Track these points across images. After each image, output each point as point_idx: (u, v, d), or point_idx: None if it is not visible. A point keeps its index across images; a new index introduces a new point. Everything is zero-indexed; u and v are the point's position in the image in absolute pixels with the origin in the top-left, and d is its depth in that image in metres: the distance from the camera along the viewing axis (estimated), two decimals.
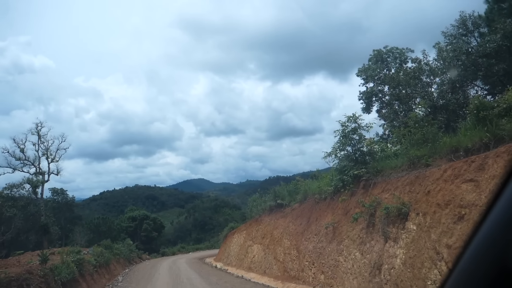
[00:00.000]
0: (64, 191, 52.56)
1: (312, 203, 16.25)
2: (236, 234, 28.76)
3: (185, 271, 22.06)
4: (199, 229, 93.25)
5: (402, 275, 8.70)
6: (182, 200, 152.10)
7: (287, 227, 17.71)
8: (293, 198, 20.05)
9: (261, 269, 18.87)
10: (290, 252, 16.07)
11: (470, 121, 10.58)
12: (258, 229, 22.48)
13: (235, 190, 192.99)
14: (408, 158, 11.32)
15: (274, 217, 20.66)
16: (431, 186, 9.29)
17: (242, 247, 24.69)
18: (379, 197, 11.26)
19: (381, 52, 24.92)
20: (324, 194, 15.21)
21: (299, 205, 18.23)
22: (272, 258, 17.94)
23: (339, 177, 14.29)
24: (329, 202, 14.65)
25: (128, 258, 32.54)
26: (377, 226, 10.69)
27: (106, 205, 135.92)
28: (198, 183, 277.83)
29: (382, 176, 12.07)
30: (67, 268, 14.01)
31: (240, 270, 21.30)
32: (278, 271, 16.66)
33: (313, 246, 14.08)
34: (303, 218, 16.33)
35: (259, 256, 20.00)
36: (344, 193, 13.38)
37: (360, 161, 13.62)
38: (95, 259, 19.44)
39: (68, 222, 52.12)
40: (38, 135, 34.77)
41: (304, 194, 17.91)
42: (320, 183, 16.16)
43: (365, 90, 24.65)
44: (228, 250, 29.26)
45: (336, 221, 13.13)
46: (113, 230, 57.26)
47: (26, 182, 32.47)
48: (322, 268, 12.81)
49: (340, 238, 12.46)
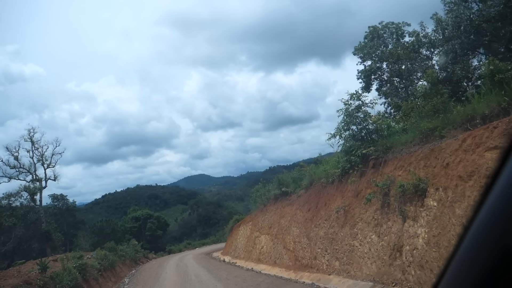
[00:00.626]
0: (64, 196, 52.02)
1: (319, 188, 15.60)
2: (241, 226, 28.19)
3: (192, 267, 21.48)
4: (204, 224, 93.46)
5: (426, 255, 8.06)
6: (184, 197, 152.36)
7: (295, 215, 17.09)
8: (298, 185, 19.43)
9: (271, 260, 18.30)
10: (300, 240, 15.46)
11: (484, 86, 9.88)
12: (264, 219, 21.88)
13: (236, 183, 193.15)
14: (420, 132, 10.63)
15: (280, 205, 20.05)
16: (450, 158, 8.62)
17: (249, 238, 24.12)
18: (392, 175, 10.60)
19: (376, 28, 24.10)
20: (331, 178, 14.55)
21: (305, 191, 17.59)
22: (281, 248, 17.34)
23: (346, 158, 13.62)
24: (337, 185, 14.00)
25: (134, 259, 32.01)
26: (393, 206, 10.05)
27: (109, 207, 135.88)
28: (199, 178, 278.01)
29: (393, 153, 11.39)
30: (69, 275, 13.37)
31: (249, 263, 20.74)
32: (289, 260, 16.07)
33: (324, 232, 13.47)
34: (311, 204, 15.69)
35: (268, 247, 19.42)
36: (353, 175, 12.72)
37: (367, 139, 12.94)
38: (98, 263, 18.82)
39: (71, 227, 51.64)
40: (31, 141, 33.94)
41: (310, 180, 17.26)
42: (326, 167, 15.50)
43: (363, 69, 23.91)
44: (235, 243, 28.72)
45: (347, 204, 12.49)
46: (117, 231, 56.80)
47: (23, 190, 31.72)
48: (336, 254, 12.19)
49: (353, 221, 11.83)
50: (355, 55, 24.10)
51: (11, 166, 32.94)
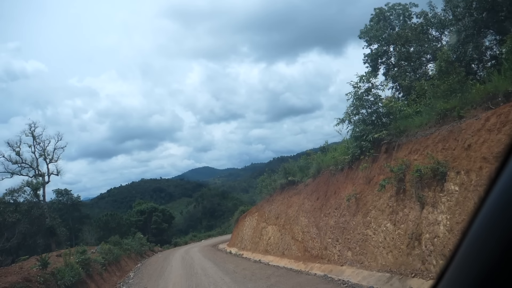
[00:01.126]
0: (69, 191, 51.78)
1: (328, 176, 15.03)
2: (247, 217, 27.75)
3: (198, 260, 21.07)
4: (209, 216, 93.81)
5: (449, 243, 7.49)
6: (189, 189, 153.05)
7: (303, 204, 16.56)
8: (305, 174, 18.89)
9: (278, 251, 17.82)
10: (309, 230, 14.94)
11: (507, 62, 9.20)
12: (271, 210, 21.38)
13: (240, 175, 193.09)
14: (436, 113, 9.98)
15: (287, 195, 19.52)
16: (472, 139, 8.00)
17: (256, 229, 23.67)
18: (407, 159, 9.99)
19: (383, 10, 23.24)
20: (340, 165, 13.96)
21: (312, 180, 17.04)
22: (289, 238, 16.85)
23: (356, 144, 13.02)
24: (347, 172, 13.41)
25: (139, 252, 31.69)
26: (409, 192, 9.46)
27: (115, 201, 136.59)
28: (203, 171, 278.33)
29: (407, 137, 10.76)
30: (71, 271, 12.93)
31: (257, 254, 20.30)
32: (298, 251, 15.58)
33: (335, 221, 12.92)
34: (320, 192, 15.13)
35: (275, 238, 18.94)
36: (364, 160, 12.12)
37: (378, 123, 12.32)
38: (103, 257, 18.42)
39: (76, 222, 51.46)
40: (32, 136, 33.50)
41: (317, 168, 16.68)
42: (334, 154, 14.90)
43: (370, 53, 23.12)
44: (241, 234, 28.31)
45: (358, 192, 11.91)
46: (122, 225, 56.68)
47: (26, 185, 31.34)
48: (348, 244, 11.65)
49: (365, 209, 11.26)
50: (361, 39, 23.28)
51: (13, 162, 32.59)
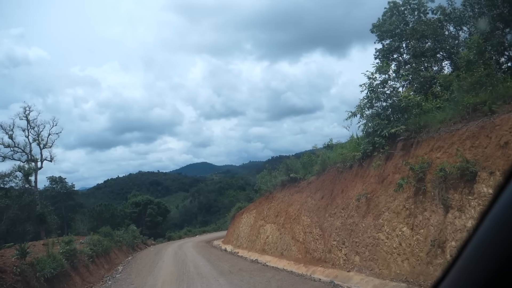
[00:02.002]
0: (63, 179, 50.80)
1: (334, 173, 14.02)
2: (245, 214, 26.74)
3: (192, 257, 20.04)
4: (205, 211, 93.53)
5: None
6: (186, 184, 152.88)
7: (305, 203, 15.55)
8: (308, 171, 17.90)
9: (277, 251, 16.82)
10: (311, 230, 13.93)
11: None
12: (270, 207, 20.38)
13: (238, 172, 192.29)
14: (464, 107, 8.95)
15: (288, 192, 18.51)
16: (509, 136, 6.99)
17: (253, 227, 22.67)
18: (428, 157, 8.97)
19: (397, 4, 22.22)
20: (349, 162, 12.95)
21: (316, 177, 16.03)
22: (289, 238, 15.84)
23: (368, 139, 12.01)
24: (356, 170, 12.39)
25: (131, 245, 30.70)
26: (430, 193, 8.44)
27: (111, 192, 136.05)
28: (201, 166, 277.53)
29: (428, 133, 9.73)
30: (53, 262, 11.92)
31: (253, 253, 19.30)
32: (298, 252, 14.57)
33: (341, 222, 11.91)
34: (325, 191, 14.12)
35: (274, 237, 17.94)
36: (377, 158, 11.10)
37: (394, 118, 11.30)
38: (90, 249, 17.40)
39: (69, 211, 50.38)
40: (27, 120, 32.43)
41: (322, 165, 15.67)
42: (343, 150, 13.88)
43: (382, 48, 22.10)
44: (237, 232, 27.31)
45: (370, 191, 10.89)
46: (116, 216, 55.67)
47: (17, 170, 30.31)
48: (356, 248, 10.64)
49: (377, 211, 10.24)
50: (372, 33, 22.25)
51: (5, 145, 31.53)
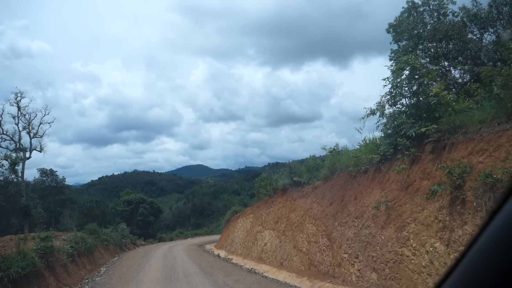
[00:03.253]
0: (54, 172, 49.11)
1: (345, 178, 12.61)
2: (241, 218, 25.24)
3: (182, 261, 18.48)
4: (198, 214, 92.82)
5: None
6: (181, 185, 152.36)
7: (310, 209, 14.10)
8: (313, 175, 16.49)
9: (275, 260, 15.32)
10: (317, 240, 12.46)
11: None
12: (269, 212, 18.91)
13: (234, 176, 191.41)
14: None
15: (290, 197, 17.07)
16: None
17: (249, 233, 21.16)
18: (468, 161, 7.56)
19: (415, 4, 20.99)
20: (364, 166, 11.54)
21: (323, 182, 14.62)
22: (291, 247, 14.36)
23: (389, 141, 10.63)
24: (372, 175, 10.98)
25: (119, 245, 29.08)
26: (472, 204, 7.03)
27: (105, 190, 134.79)
28: (197, 169, 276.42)
29: (465, 134, 8.34)
30: (24, 260, 10.41)
31: (248, 261, 17.78)
32: (300, 264, 13.08)
33: (354, 232, 10.46)
34: (334, 197, 12.68)
35: (273, 245, 16.45)
36: (400, 161, 9.69)
37: (422, 117, 9.92)
38: (71, 247, 15.86)
39: (58, 205, 48.64)
40: (17, 106, 30.85)
41: (331, 169, 14.25)
42: (357, 153, 12.47)
43: (397, 49, 20.81)
44: (231, 237, 25.78)
45: (391, 199, 9.47)
46: (107, 214, 54.03)
47: (3, 158, 28.68)
48: (373, 263, 9.19)
49: (400, 221, 8.81)
50: (388, 33, 20.99)
51: None
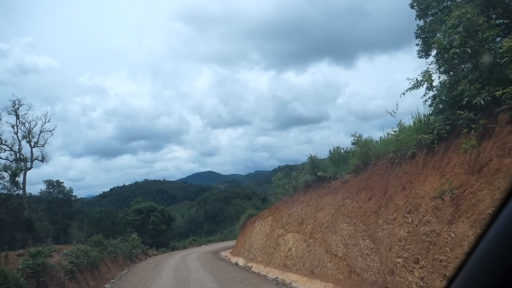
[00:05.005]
0: (61, 183, 47.58)
1: (385, 167, 10.58)
2: (258, 222, 23.23)
3: (196, 273, 16.44)
4: (211, 221, 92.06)
5: None
6: (192, 193, 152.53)
7: (342, 206, 12.06)
8: (339, 168, 14.53)
9: (304, 267, 13.27)
10: (356, 242, 10.40)
11: None
12: (291, 213, 16.91)
13: (244, 181, 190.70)
14: None
15: (315, 195, 15.07)
16: None
17: (269, 237, 19.14)
18: None
19: None
20: (410, 150, 9.50)
21: (354, 175, 12.62)
22: (322, 252, 12.31)
23: (444, 116, 8.59)
24: (424, 159, 8.93)
25: (129, 256, 27.24)
26: None
27: (117, 200, 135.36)
28: (207, 175, 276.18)
29: None
30: (3, 283, 8.56)
31: (271, 269, 15.77)
32: (337, 271, 11.02)
33: (408, 231, 8.39)
34: (373, 190, 10.64)
35: (299, 250, 14.41)
36: (464, 138, 7.63)
37: (491, 80, 7.86)
38: (71, 261, 14.02)
39: (66, 217, 47.12)
40: (16, 114, 29.28)
41: (363, 158, 12.23)
42: (400, 135, 10.44)
43: (424, 25, 18.72)
44: (248, 242, 23.77)
45: (457, 186, 7.39)
46: (117, 224, 52.41)
47: (2, 169, 27.09)
48: (442, 269, 7.10)
49: (477, 213, 6.73)
50: (412, 8, 18.92)
51: None
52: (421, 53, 19.22)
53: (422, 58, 19.37)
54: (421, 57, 19.33)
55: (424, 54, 19.20)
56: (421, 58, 19.38)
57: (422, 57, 19.29)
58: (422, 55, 19.33)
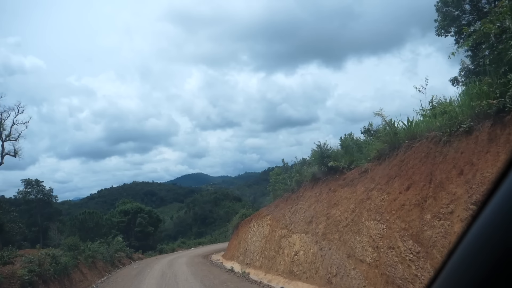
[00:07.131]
0: (40, 182, 44.45)
1: (427, 148, 8.31)
2: (254, 223, 20.87)
3: (185, 283, 13.88)
4: (200, 223, 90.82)
5: None
6: (181, 195, 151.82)
7: (367, 200, 9.77)
8: (353, 157, 12.34)
9: (317, 275, 10.92)
10: (393, 244, 8.09)
11: None
12: (296, 211, 14.60)
13: (234, 183, 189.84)
14: None
15: (326, 188, 12.79)
16: None
17: (269, 239, 16.79)
18: None
19: None
20: (465, 124, 7.26)
21: (376, 163, 10.38)
22: (342, 257, 9.98)
23: (505, 80, 6.42)
24: (488, 132, 6.69)
25: (110, 260, 24.57)
26: None
27: (104, 203, 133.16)
28: (197, 177, 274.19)
29: None
30: None
31: (274, 276, 13.41)
32: (365, 281, 8.68)
33: None
34: (412, 177, 8.36)
35: (309, 253, 12.07)
36: None
37: None
38: (30, 270, 11.43)
39: (46, 218, 44.00)
40: None
41: (390, 142, 9.98)
42: (449, 106, 8.20)
43: None
44: (244, 245, 21.38)
45: None
46: (102, 226, 49.52)
47: None
48: None
49: None
50: None
51: None
52: (440, 30, 17.14)
53: (441, 36, 17.33)
54: (439, 34, 17.27)
55: (444, 31, 17.14)
56: (439, 36, 17.34)
57: (440, 34, 17.24)
58: (441, 32, 17.24)
